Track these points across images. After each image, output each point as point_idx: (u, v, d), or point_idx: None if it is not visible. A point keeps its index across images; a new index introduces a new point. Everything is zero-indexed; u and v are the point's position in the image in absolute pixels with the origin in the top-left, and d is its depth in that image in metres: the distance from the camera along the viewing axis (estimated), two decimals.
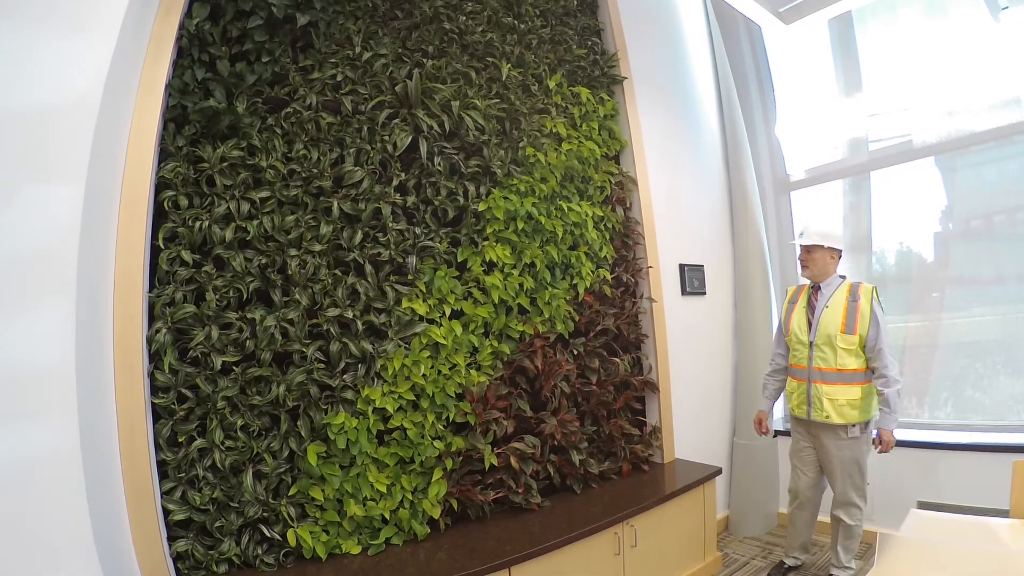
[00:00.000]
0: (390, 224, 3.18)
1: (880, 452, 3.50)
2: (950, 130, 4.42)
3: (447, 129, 3.42)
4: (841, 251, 3.71)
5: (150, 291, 2.64)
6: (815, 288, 3.74)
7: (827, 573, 3.84)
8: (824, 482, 3.85)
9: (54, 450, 2.18)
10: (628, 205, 4.46)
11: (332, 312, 2.98)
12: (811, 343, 3.64)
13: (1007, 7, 4.16)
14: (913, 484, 4.16)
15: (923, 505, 3.96)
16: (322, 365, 2.97)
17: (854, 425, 3.52)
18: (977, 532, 2.46)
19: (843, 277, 3.71)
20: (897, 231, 4.86)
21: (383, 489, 3.05)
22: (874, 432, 3.54)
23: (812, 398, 3.62)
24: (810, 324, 3.68)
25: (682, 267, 4.82)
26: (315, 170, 3.04)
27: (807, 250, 3.70)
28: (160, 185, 2.71)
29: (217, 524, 2.70)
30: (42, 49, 2.32)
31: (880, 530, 2.46)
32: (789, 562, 4.03)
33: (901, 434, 4.28)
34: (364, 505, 3.03)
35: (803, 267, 3.76)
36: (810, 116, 5.39)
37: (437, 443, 3.22)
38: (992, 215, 4.44)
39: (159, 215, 2.71)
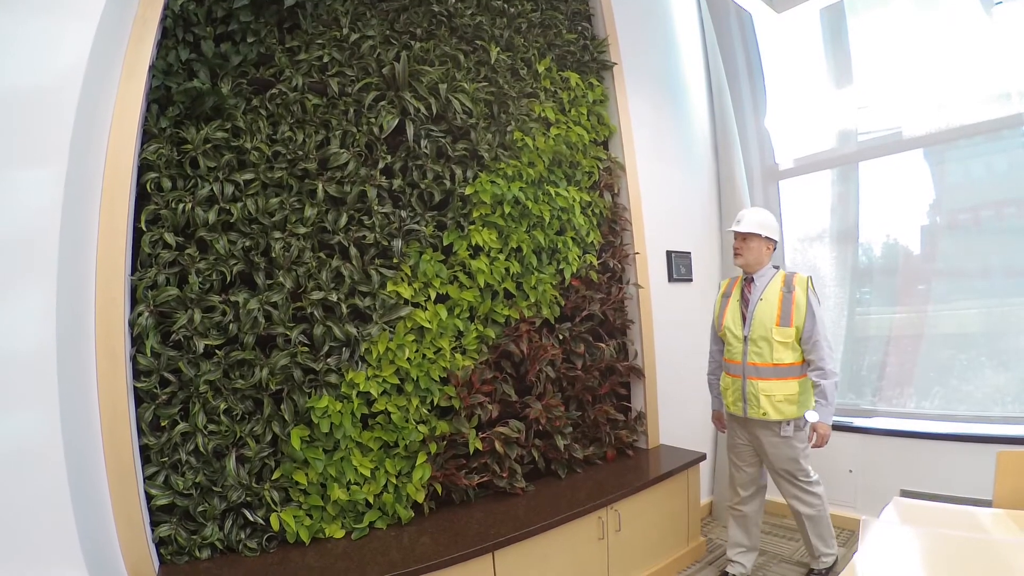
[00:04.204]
0: (375, 207, 3.17)
1: (815, 446, 3.39)
2: (939, 123, 4.43)
3: (434, 112, 3.40)
4: (775, 242, 3.60)
5: (132, 274, 2.62)
6: (748, 280, 3.62)
7: (808, 569, 3.79)
8: (765, 477, 3.75)
9: (35, 435, 2.17)
10: (616, 191, 4.45)
11: (316, 295, 2.97)
12: (745, 337, 3.52)
13: (1000, 2, 4.15)
14: (896, 473, 4.19)
15: (906, 494, 3.97)
16: (306, 348, 2.96)
17: (788, 423, 3.41)
18: (959, 520, 2.47)
19: (777, 268, 3.60)
20: (884, 222, 4.87)
21: (367, 473, 3.05)
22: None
23: (748, 395, 3.49)
24: (744, 318, 3.56)
25: (669, 254, 4.83)
26: (300, 152, 3.01)
27: (743, 238, 3.57)
28: (143, 167, 2.68)
29: (200, 509, 2.69)
30: (22, 28, 2.28)
31: (863, 517, 2.47)
32: (732, 570, 3.78)
33: (885, 423, 4.33)
34: (348, 489, 3.03)
35: (736, 255, 3.61)
36: (800, 105, 5.38)
37: (421, 427, 3.22)
38: (979, 209, 4.46)
39: (142, 197, 2.67)
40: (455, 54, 3.62)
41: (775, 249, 3.62)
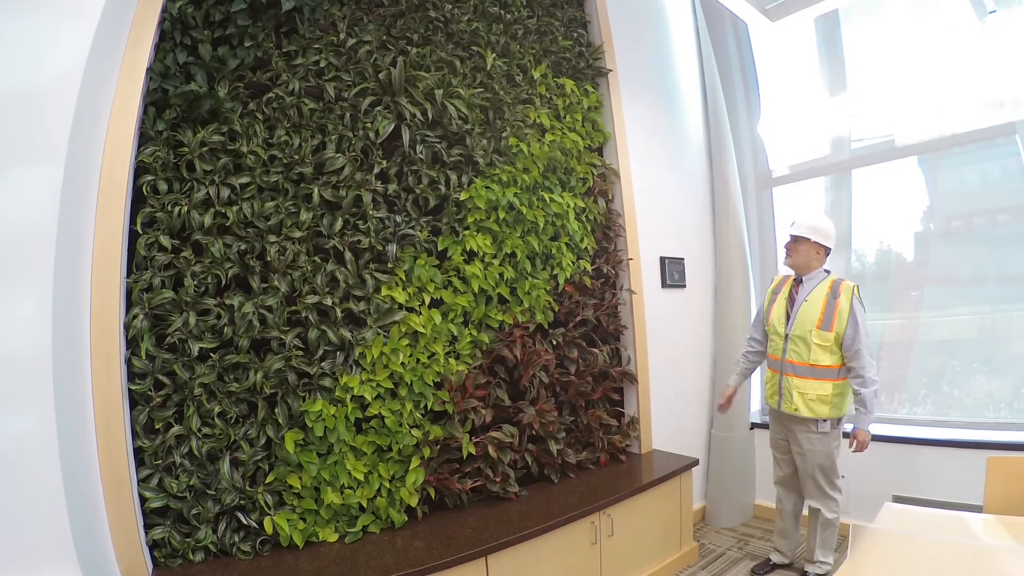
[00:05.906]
0: (371, 212, 3.17)
1: (854, 451, 3.47)
2: (933, 131, 4.45)
3: (430, 117, 3.41)
4: (829, 249, 3.66)
5: (128, 276, 2.62)
6: (798, 281, 3.71)
7: (801, 570, 3.84)
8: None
9: (30, 437, 2.17)
10: (610, 197, 4.47)
11: (311, 299, 2.97)
12: (787, 335, 3.64)
13: (994, 11, 4.17)
14: (888, 478, 4.20)
15: (898, 499, 3.99)
16: (300, 352, 2.96)
17: (825, 420, 3.52)
18: (950, 526, 2.49)
19: (828, 272, 3.68)
20: (877, 229, 4.90)
21: (360, 477, 3.05)
22: (849, 427, 3.53)
23: (783, 390, 3.63)
24: (788, 317, 3.66)
25: (663, 259, 4.84)
26: (296, 156, 3.02)
27: (794, 240, 3.68)
28: (139, 169, 2.68)
29: (194, 512, 2.69)
30: (21, 30, 2.29)
31: (854, 522, 2.48)
32: (775, 558, 4.02)
33: (878, 429, 4.33)
34: (341, 493, 3.04)
35: (787, 255, 3.74)
36: (793, 113, 5.41)
37: (415, 431, 3.22)
38: (972, 216, 4.49)
39: (138, 200, 2.68)
40: (451, 60, 3.63)
41: (827, 254, 3.69)
